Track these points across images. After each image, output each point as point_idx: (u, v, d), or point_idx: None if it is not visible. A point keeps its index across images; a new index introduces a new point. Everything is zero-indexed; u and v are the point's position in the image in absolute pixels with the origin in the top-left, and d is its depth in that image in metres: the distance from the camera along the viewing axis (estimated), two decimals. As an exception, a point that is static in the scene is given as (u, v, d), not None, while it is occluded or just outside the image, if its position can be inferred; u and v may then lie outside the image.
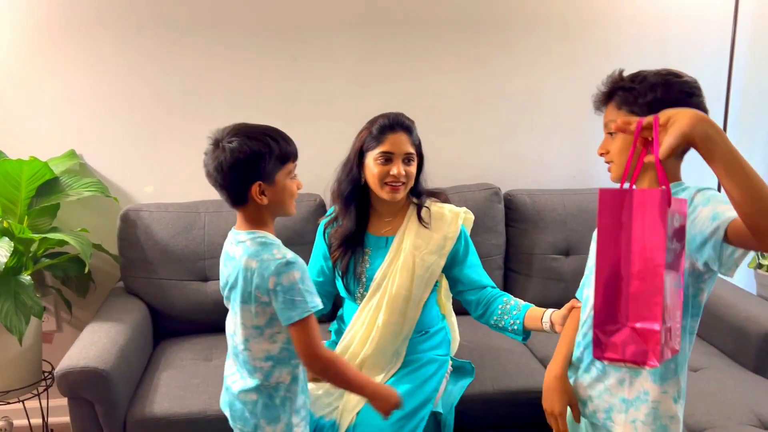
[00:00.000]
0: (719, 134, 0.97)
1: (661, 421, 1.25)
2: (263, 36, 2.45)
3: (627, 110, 1.25)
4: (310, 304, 1.38)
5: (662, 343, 1.01)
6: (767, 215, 0.95)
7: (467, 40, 2.55)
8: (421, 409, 1.75)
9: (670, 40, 2.65)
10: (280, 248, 1.41)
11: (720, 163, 0.97)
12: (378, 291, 1.80)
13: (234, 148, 1.35)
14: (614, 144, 1.28)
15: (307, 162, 2.01)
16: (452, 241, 1.82)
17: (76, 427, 1.85)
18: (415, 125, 1.80)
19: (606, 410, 1.32)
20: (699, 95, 1.24)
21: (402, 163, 1.75)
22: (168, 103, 2.44)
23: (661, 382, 1.24)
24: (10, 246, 1.99)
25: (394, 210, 1.86)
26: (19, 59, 2.34)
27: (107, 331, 1.98)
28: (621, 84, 1.27)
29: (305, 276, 1.39)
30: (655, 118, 1.02)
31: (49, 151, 2.36)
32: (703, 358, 2.14)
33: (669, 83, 1.22)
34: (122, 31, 2.37)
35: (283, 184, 1.42)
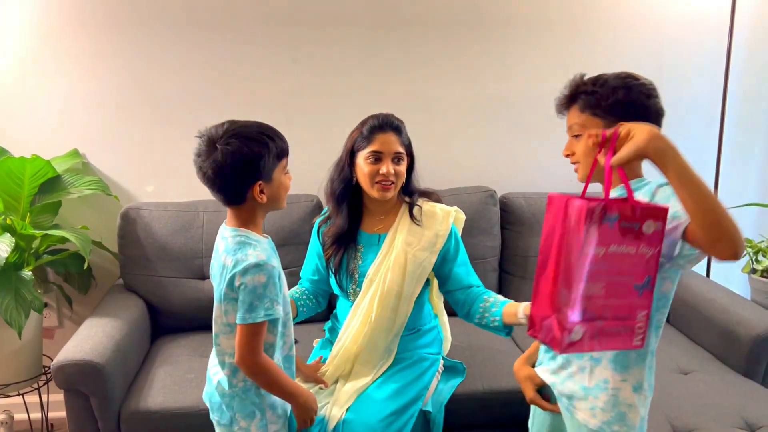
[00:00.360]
0: (672, 150, 1.06)
1: (620, 408, 1.29)
2: (263, 39, 2.49)
3: (590, 113, 1.30)
4: (266, 312, 1.39)
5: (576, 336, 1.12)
6: (716, 227, 1.04)
7: (465, 44, 2.59)
8: (411, 406, 1.77)
9: (666, 43, 2.67)
10: (256, 249, 1.41)
11: (673, 176, 1.06)
12: (371, 287, 1.83)
13: (234, 151, 1.36)
14: (579, 146, 1.33)
15: (305, 163, 2.05)
16: (443, 238, 1.84)
17: (72, 419, 1.90)
18: (404, 126, 1.84)
19: (569, 396, 1.37)
20: (656, 96, 1.29)
21: (391, 163, 1.79)
22: (169, 103, 2.48)
23: (621, 371, 1.28)
24: (11, 242, 2.03)
25: (386, 208, 1.90)
26: (24, 60, 2.39)
27: (104, 327, 2.02)
28: (583, 88, 1.32)
29: (270, 283, 1.39)
30: (615, 130, 1.12)
31: (52, 150, 2.41)
32: (694, 361, 2.15)
33: (629, 86, 1.28)
34: (125, 32, 2.42)
35: (279, 181, 1.45)
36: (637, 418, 1.29)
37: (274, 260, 1.43)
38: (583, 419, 1.33)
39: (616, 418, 1.29)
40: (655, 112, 1.28)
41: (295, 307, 1.90)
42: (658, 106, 1.29)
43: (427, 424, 1.87)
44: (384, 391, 1.78)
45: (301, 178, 2.40)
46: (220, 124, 1.41)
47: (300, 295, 1.96)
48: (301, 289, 1.98)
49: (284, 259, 2.34)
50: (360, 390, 1.78)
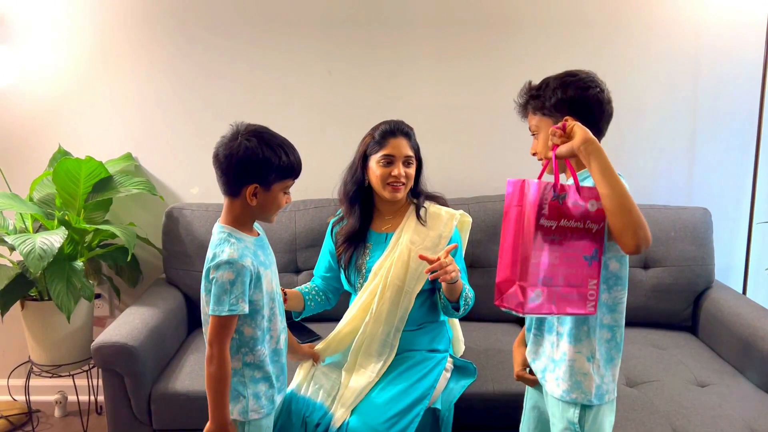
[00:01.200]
0: (597, 152, 1.26)
1: (576, 377, 1.42)
2: (303, 51, 2.64)
3: (540, 114, 1.46)
4: (231, 307, 1.47)
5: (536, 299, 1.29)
6: (623, 220, 1.23)
7: (492, 53, 2.64)
8: (416, 405, 1.82)
9: (703, 48, 2.64)
10: (233, 247, 1.50)
11: (595, 173, 1.26)
12: (375, 279, 1.92)
13: (249, 147, 1.48)
14: (539, 143, 1.48)
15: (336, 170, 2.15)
16: (447, 239, 1.92)
17: (109, 397, 2.07)
18: (413, 132, 1.95)
19: (542, 370, 1.50)
20: (595, 87, 1.42)
21: (402, 165, 1.90)
22: (214, 110, 2.67)
23: (575, 344, 1.41)
24: (65, 233, 2.24)
25: (395, 209, 2.00)
26: (84, 69, 2.64)
27: (142, 314, 2.20)
28: (531, 93, 1.48)
29: (239, 280, 1.47)
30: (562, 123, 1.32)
31: (109, 152, 2.64)
32: (713, 374, 2.13)
33: (566, 84, 1.42)
34: (176, 43, 2.63)
35: (275, 195, 1.56)
36: (593, 385, 1.41)
37: (248, 259, 1.50)
38: (550, 390, 1.47)
39: (574, 387, 1.42)
40: (595, 102, 1.41)
41: (303, 300, 2.01)
42: (598, 96, 1.41)
43: (436, 422, 1.93)
44: (389, 392, 1.83)
45: (331, 184, 2.54)
46: (254, 124, 1.55)
47: (309, 290, 2.06)
48: (312, 286, 2.09)
49: (313, 259, 2.49)
50: (365, 390, 1.84)
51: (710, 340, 2.38)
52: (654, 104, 2.67)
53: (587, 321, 1.40)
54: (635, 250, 1.23)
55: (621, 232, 1.23)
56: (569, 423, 1.43)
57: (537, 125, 1.48)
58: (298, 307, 2.03)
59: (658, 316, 2.49)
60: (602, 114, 1.42)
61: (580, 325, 1.40)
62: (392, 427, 1.75)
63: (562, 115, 1.39)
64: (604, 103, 1.42)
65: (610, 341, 1.42)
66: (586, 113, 1.40)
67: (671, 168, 2.73)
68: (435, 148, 2.25)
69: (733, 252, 2.76)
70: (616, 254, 1.38)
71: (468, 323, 2.36)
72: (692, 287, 2.48)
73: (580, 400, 1.41)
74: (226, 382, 1.52)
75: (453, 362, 2.07)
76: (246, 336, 1.55)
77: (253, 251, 1.56)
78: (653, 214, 2.52)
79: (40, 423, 2.68)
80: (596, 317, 1.39)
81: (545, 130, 1.44)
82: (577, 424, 1.42)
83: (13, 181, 2.53)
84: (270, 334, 1.61)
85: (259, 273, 1.55)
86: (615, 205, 1.23)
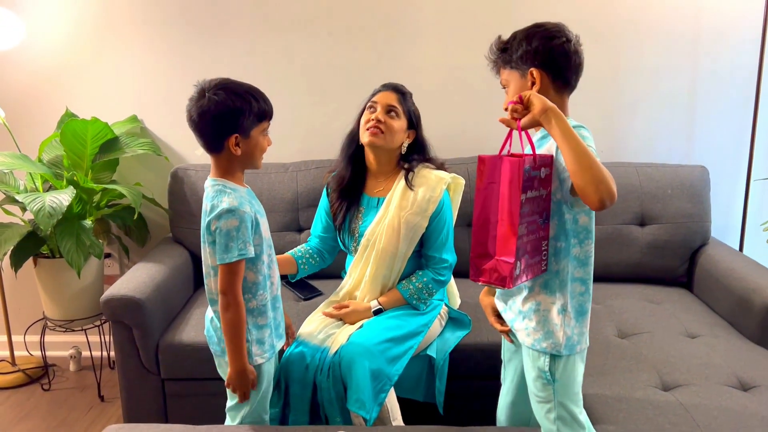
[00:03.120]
0: (557, 117, 1.28)
1: (548, 327, 1.46)
2: (303, 14, 2.66)
3: (509, 68, 1.47)
4: (240, 251, 1.53)
5: (517, 272, 1.32)
6: (590, 183, 1.23)
7: (491, 13, 2.64)
8: (409, 339, 1.92)
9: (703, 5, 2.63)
10: (230, 196, 1.55)
11: (557, 136, 1.27)
12: (367, 246, 2.00)
13: (219, 101, 1.52)
14: (509, 97, 1.49)
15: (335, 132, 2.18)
16: (435, 203, 1.96)
17: (118, 348, 2.16)
18: (410, 95, 2.00)
19: (512, 320, 1.55)
20: (560, 37, 1.42)
21: (384, 113, 1.95)
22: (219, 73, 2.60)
23: (550, 295, 1.46)
24: (73, 192, 2.31)
25: (387, 171, 2.05)
26: (90, 33, 2.68)
27: (149, 270, 2.28)
28: (499, 47, 1.49)
29: (243, 226, 1.54)
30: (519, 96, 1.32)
31: (115, 114, 2.69)
32: (704, 326, 2.17)
33: (531, 35, 1.43)
34: (180, 5, 2.66)
35: (256, 140, 1.60)
36: (563, 336, 1.45)
37: (246, 206, 1.56)
38: (521, 339, 1.51)
39: (545, 336, 1.46)
40: (560, 52, 1.41)
41: (295, 264, 2.09)
42: (564, 47, 1.41)
43: (432, 370, 2.01)
44: (383, 321, 1.94)
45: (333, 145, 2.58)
46: (216, 78, 1.58)
47: (303, 254, 2.13)
48: (305, 249, 2.15)
49: (311, 220, 2.55)
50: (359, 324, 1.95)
51: (704, 296, 2.42)
52: (653, 62, 2.67)
53: (559, 274, 1.43)
54: (599, 205, 1.24)
55: (583, 188, 1.25)
56: (540, 371, 1.47)
57: (506, 78, 1.49)
58: (290, 270, 2.11)
59: (653, 272, 2.53)
60: (568, 64, 1.42)
61: (554, 278, 1.44)
62: (386, 351, 1.83)
63: (528, 66, 1.41)
64: (570, 53, 1.41)
65: (584, 294, 1.46)
66: (552, 64, 1.41)
67: (670, 126, 2.74)
68: (435, 108, 2.28)
69: (731, 209, 2.78)
70: (583, 208, 1.40)
71: (464, 279, 2.37)
72: (688, 244, 2.52)
73: (550, 350, 1.45)
74: (243, 327, 1.59)
75: (448, 313, 2.13)
76: (249, 282, 1.62)
77: (249, 200, 1.62)
78: (650, 172, 2.54)
79: (56, 376, 2.80)
80: (568, 270, 1.43)
81: (515, 83, 1.46)
82: (547, 372, 1.46)
83: (23, 143, 2.60)
84: (270, 281, 1.68)
85: (257, 219, 1.61)
86: (576, 164, 1.25)
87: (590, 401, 1.70)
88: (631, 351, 1.99)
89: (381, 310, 1.99)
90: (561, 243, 1.43)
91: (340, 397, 1.82)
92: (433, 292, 2.01)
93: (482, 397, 2.02)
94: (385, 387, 1.81)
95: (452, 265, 2.04)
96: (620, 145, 2.73)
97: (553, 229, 1.42)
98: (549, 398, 1.49)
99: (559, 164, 1.37)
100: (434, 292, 2.02)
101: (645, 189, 2.50)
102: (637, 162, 2.63)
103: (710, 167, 2.59)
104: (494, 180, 1.33)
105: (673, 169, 2.57)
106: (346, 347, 1.83)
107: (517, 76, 1.45)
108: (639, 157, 2.71)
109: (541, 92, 1.39)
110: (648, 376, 1.85)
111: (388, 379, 1.82)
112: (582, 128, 1.37)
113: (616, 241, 2.50)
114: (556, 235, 1.42)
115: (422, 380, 2.00)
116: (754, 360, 1.94)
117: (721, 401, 1.71)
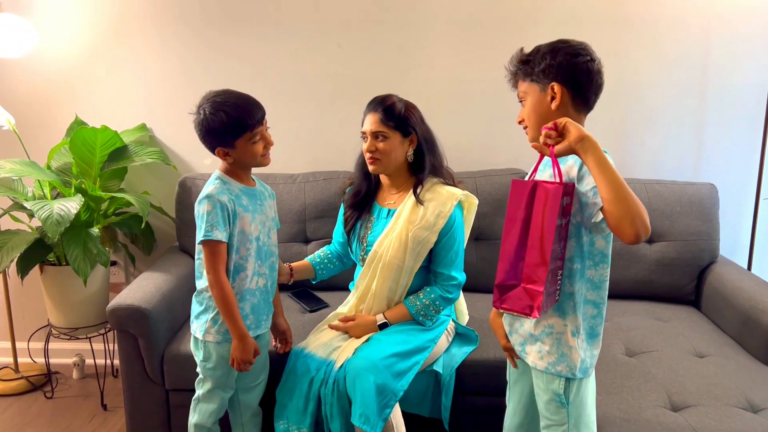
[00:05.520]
0: (593, 147, 1.26)
1: (562, 350, 1.45)
2: (312, 25, 2.67)
3: (529, 81, 1.45)
4: (207, 233, 1.69)
5: (543, 300, 1.31)
6: (626, 217, 1.22)
7: (501, 27, 2.65)
8: (415, 354, 1.90)
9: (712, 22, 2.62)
10: (213, 185, 1.73)
11: (593, 167, 1.26)
12: (374, 258, 1.99)
13: (202, 119, 1.70)
14: (525, 110, 1.47)
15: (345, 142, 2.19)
16: (444, 219, 1.95)
17: (123, 358, 2.15)
18: (397, 106, 1.95)
19: (521, 343, 1.53)
20: (585, 55, 1.41)
21: (374, 140, 1.95)
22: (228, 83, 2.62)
23: (563, 317, 1.44)
24: (81, 200, 2.31)
25: (399, 183, 2.05)
26: (100, 42, 2.70)
27: (155, 280, 2.27)
28: (521, 59, 1.46)
29: (214, 211, 1.69)
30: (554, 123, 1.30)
31: (124, 122, 2.70)
32: (713, 346, 2.15)
33: (556, 49, 1.40)
34: (190, 16, 2.67)
35: (245, 148, 1.72)
36: (578, 359, 1.44)
37: (224, 197, 1.71)
38: (532, 362, 1.49)
39: (559, 359, 1.44)
40: (584, 70, 1.40)
41: (313, 270, 2.14)
42: (588, 65, 1.40)
43: (438, 386, 1.99)
44: (390, 337, 1.92)
45: (340, 156, 2.58)
46: (211, 92, 1.72)
47: (322, 258, 2.17)
48: (325, 253, 2.19)
49: (322, 229, 2.56)
50: (365, 338, 1.94)
51: (712, 314, 2.41)
52: (662, 79, 2.67)
53: (573, 296, 1.41)
54: (635, 239, 1.23)
55: (619, 221, 1.23)
56: (554, 394, 1.46)
57: (525, 91, 1.46)
58: (309, 276, 2.15)
59: (661, 289, 2.52)
60: (590, 83, 1.41)
61: (567, 300, 1.42)
62: (391, 366, 1.82)
63: (550, 81, 1.39)
64: (593, 73, 1.40)
65: (596, 317, 1.45)
66: (574, 80, 1.39)
67: (679, 144, 2.73)
68: (443, 121, 2.28)
69: (740, 228, 2.77)
70: (602, 233, 1.40)
71: (472, 294, 2.40)
72: (696, 262, 2.50)
73: (564, 373, 1.43)
74: (230, 301, 1.72)
75: (455, 328, 2.12)
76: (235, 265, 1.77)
77: (237, 194, 1.76)
78: (659, 189, 2.54)
79: (59, 384, 2.79)
80: (581, 293, 1.42)
81: (533, 96, 1.43)
82: (562, 395, 1.45)
83: (32, 150, 2.60)
84: (246, 273, 1.77)
85: (236, 211, 1.74)
86: (613, 196, 1.23)
87: (598, 422, 1.68)
88: (639, 369, 1.98)
89: (386, 324, 1.98)
90: (576, 265, 1.41)
91: (345, 412, 1.81)
92: (440, 309, 2.00)
93: (488, 413, 2.01)
94: (390, 402, 1.80)
95: (461, 283, 2.03)
96: (629, 162, 2.73)
97: (570, 250, 1.40)
98: (563, 421, 1.47)
99: (579, 190, 1.36)
100: (441, 309, 2.01)
101: (653, 206, 2.49)
102: (645, 179, 2.62)
103: (719, 185, 2.58)
104: (527, 205, 1.31)
105: (682, 187, 2.56)
106: (352, 361, 1.82)
107: (536, 90, 1.43)
108: (647, 174, 2.70)
109: (560, 108, 1.39)
110: (656, 396, 1.83)
111: (393, 394, 1.80)
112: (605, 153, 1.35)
113: (624, 257, 2.49)
114: (571, 256, 1.40)
115: (428, 395, 1.99)
116: (764, 381, 1.92)
117: (732, 423, 1.69)
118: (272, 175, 2.61)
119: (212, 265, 1.71)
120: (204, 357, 1.82)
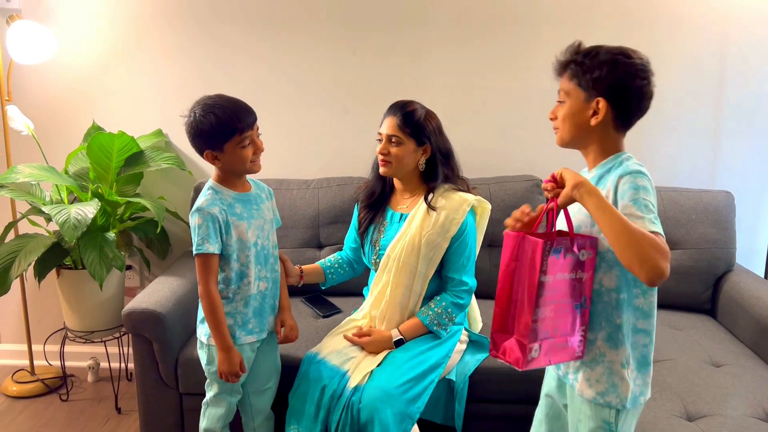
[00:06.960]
0: (589, 192, 1.25)
1: (613, 380, 1.37)
2: (327, 32, 2.69)
3: (576, 83, 1.36)
4: (197, 247, 1.70)
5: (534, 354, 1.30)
6: (634, 263, 1.19)
7: (514, 34, 2.65)
8: (430, 373, 1.89)
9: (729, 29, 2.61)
10: (205, 197, 1.74)
11: (593, 214, 1.24)
12: (387, 263, 1.99)
13: (190, 122, 1.70)
14: (561, 111, 1.39)
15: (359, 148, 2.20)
16: (457, 225, 1.95)
17: (138, 361, 2.17)
18: (417, 113, 1.96)
19: (564, 367, 1.47)
20: (644, 78, 1.33)
21: (388, 143, 1.96)
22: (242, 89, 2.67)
23: (613, 348, 1.37)
24: (98, 205, 2.34)
25: (411, 188, 2.05)
26: (118, 50, 2.73)
27: (170, 284, 2.29)
28: (575, 57, 1.37)
29: (205, 224, 1.70)
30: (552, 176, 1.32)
31: (140, 128, 2.72)
32: (729, 355, 2.13)
33: (616, 63, 1.32)
34: (206, 23, 2.70)
35: (233, 152, 1.71)
36: (628, 390, 1.36)
37: (215, 208, 1.72)
38: (579, 390, 1.41)
39: (610, 389, 1.37)
40: (637, 94, 1.33)
41: (323, 274, 2.15)
42: (643, 89, 1.33)
43: (451, 393, 1.99)
44: (403, 359, 1.90)
45: (354, 162, 2.60)
46: (200, 98, 1.73)
47: (333, 263, 2.18)
48: (336, 258, 2.19)
49: (335, 235, 2.56)
50: (380, 357, 1.92)
51: (728, 323, 2.38)
52: (679, 86, 2.66)
53: (621, 328, 1.35)
54: (649, 283, 1.20)
55: (629, 266, 1.20)
56: (604, 422, 1.38)
57: (568, 92, 1.37)
58: (319, 280, 2.15)
59: (677, 298, 2.49)
60: (639, 107, 1.35)
61: (616, 331, 1.36)
62: (406, 392, 1.81)
63: (597, 94, 1.32)
64: (645, 98, 1.34)
65: (647, 345, 1.39)
66: (623, 103, 1.32)
67: (695, 151, 2.72)
68: (456, 128, 2.27)
69: (756, 236, 2.75)
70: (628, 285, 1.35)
71: (485, 301, 2.38)
72: (712, 270, 2.48)
73: (615, 404, 1.36)
74: (217, 313, 1.74)
75: (468, 336, 2.12)
76: (221, 276, 1.79)
77: (229, 203, 1.77)
78: (675, 197, 2.52)
79: (74, 387, 2.81)
80: (629, 323, 1.36)
81: (574, 102, 1.35)
82: (612, 423, 1.38)
83: (50, 155, 2.64)
84: (248, 278, 1.78)
85: (228, 221, 1.74)
86: (615, 242, 1.20)
87: None
88: (655, 378, 1.94)
89: (402, 340, 1.96)
90: (623, 295, 1.35)
91: None
92: (453, 316, 1.99)
93: (501, 420, 2.01)
94: (408, 427, 1.80)
95: (472, 288, 2.03)
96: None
97: (614, 280, 1.34)
98: None
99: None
100: (454, 317, 2.00)
101: (669, 214, 2.48)
102: (661, 186, 2.60)
103: (735, 192, 2.56)
104: (517, 258, 1.31)
105: (698, 194, 2.54)
106: (367, 391, 1.79)
107: (580, 97, 1.35)
108: (663, 182, 2.68)
109: (601, 125, 1.34)
110: (672, 405, 1.82)
111: (410, 419, 1.81)
112: (641, 175, 1.31)
113: (638, 265, 2.47)
114: (617, 287, 1.34)
115: (441, 403, 1.99)
116: (781, 391, 1.90)
117: (748, 434, 1.67)
118: (286, 180, 2.62)
119: (202, 277, 1.74)
120: (208, 360, 1.84)
